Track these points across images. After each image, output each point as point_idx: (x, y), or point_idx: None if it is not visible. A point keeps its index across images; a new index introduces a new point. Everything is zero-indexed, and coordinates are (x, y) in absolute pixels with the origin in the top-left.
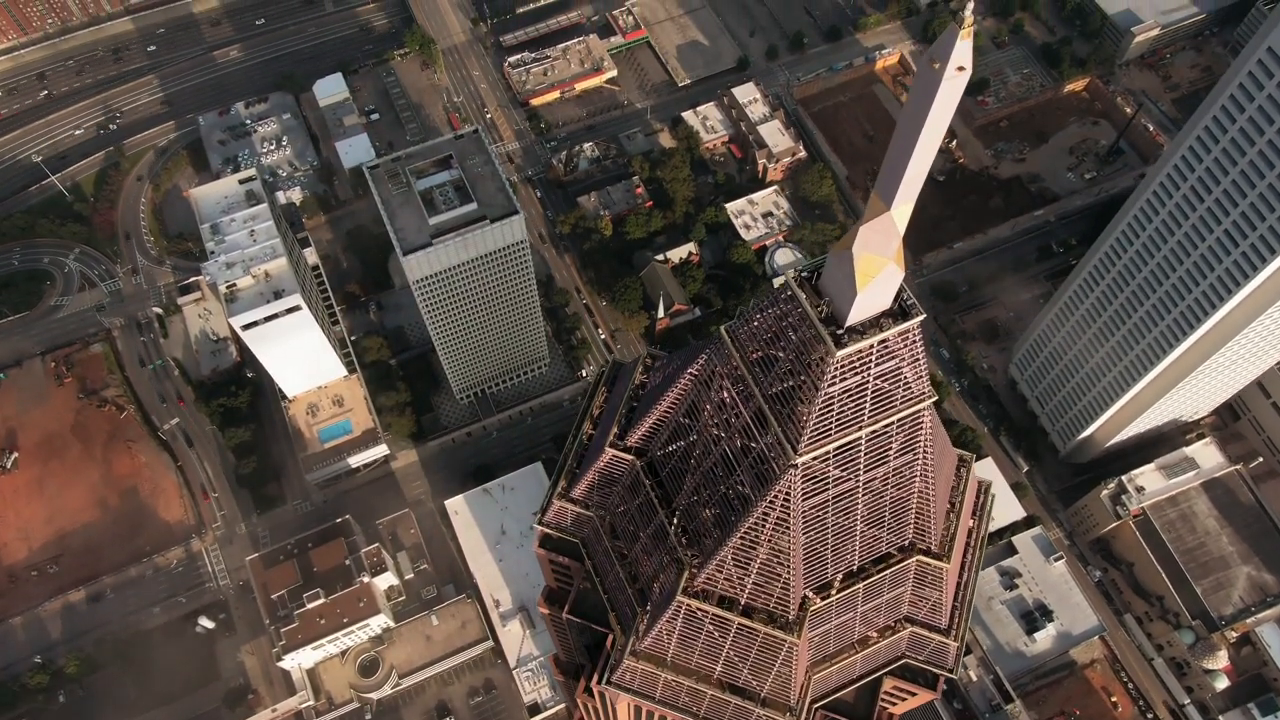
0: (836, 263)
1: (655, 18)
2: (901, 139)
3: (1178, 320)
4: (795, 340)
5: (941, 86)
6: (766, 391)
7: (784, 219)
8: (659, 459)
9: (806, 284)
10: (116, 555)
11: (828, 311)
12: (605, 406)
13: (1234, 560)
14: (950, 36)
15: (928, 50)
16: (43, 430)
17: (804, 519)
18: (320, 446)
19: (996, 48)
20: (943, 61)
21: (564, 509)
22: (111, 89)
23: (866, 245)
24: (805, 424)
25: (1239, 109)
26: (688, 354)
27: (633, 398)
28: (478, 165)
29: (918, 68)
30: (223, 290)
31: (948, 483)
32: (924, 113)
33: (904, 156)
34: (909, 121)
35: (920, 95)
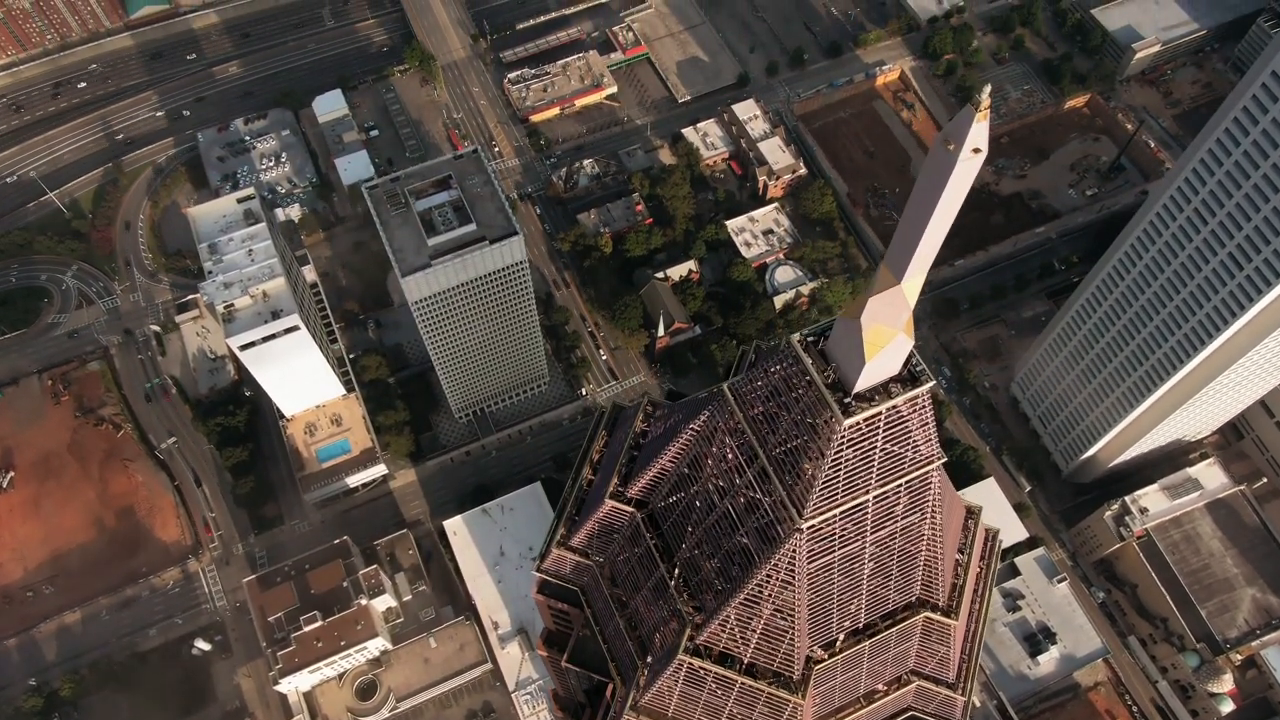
0: (844, 330)
1: (655, 34)
2: (914, 215)
3: (1181, 343)
4: (801, 403)
5: (957, 168)
6: (770, 451)
7: (784, 236)
8: (660, 511)
9: (812, 348)
10: (113, 576)
11: (834, 377)
12: (605, 452)
13: (1239, 582)
14: (966, 118)
15: (942, 131)
16: (39, 449)
17: (810, 579)
18: (318, 466)
19: (997, 64)
20: (958, 143)
21: (563, 557)
22: (111, 105)
23: (875, 316)
24: (811, 487)
25: (1243, 133)
26: (690, 407)
27: (633, 446)
28: (477, 185)
29: (931, 148)
30: (220, 310)
31: (956, 536)
32: (938, 193)
33: (916, 233)
34: (922, 199)
35: (934, 175)
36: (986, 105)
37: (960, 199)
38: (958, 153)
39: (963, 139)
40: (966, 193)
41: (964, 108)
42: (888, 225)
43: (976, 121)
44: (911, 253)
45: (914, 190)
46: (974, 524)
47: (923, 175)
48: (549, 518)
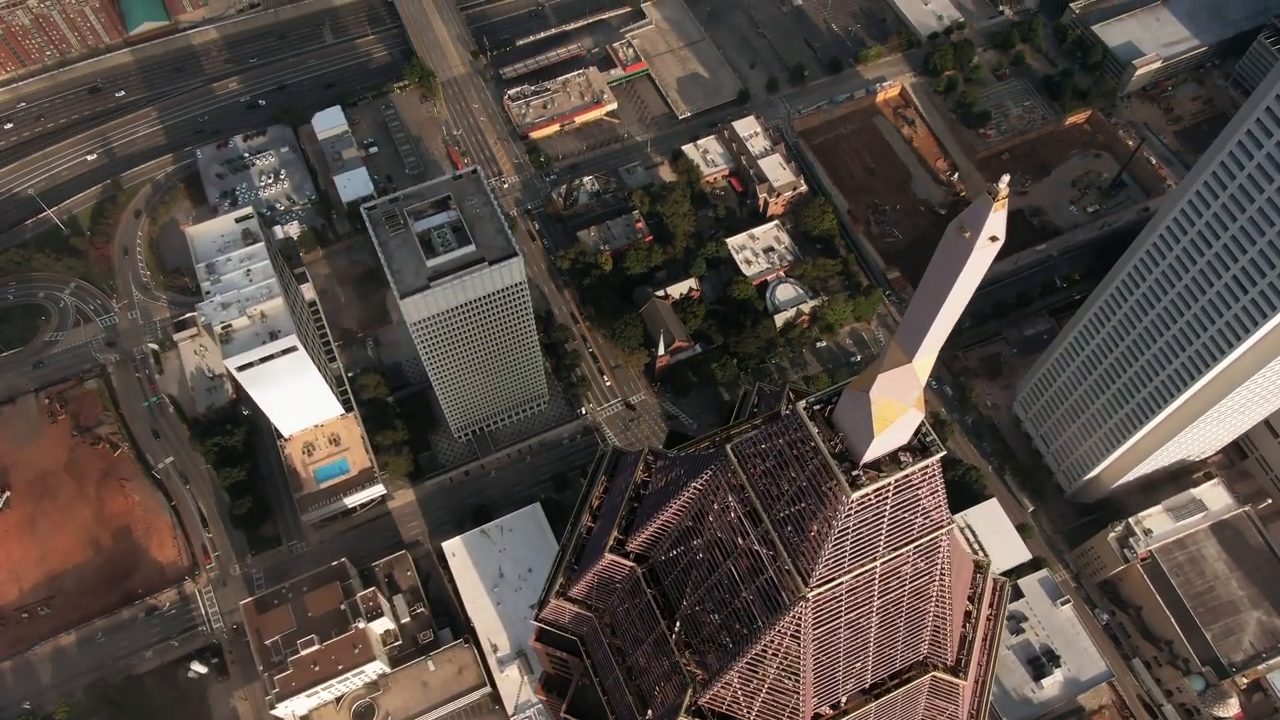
0: (852, 402)
1: (655, 50)
2: (927, 297)
3: (1186, 365)
4: (807, 470)
5: (973, 256)
6: (775, 515)
7: (785, 254)
8: (661, 565)
9: (819, 415)
10: (109, 597)
11: (841, 447)
12: (605, 500)
13: (1244, 605)
14: (983, 208)
15: (956, 220)
16: (35, 469)
17: (815, 643)
18: (316, 486)
19: (997, 80)
20: (974, 231)
21: (562, 607)
22: (110, 121)
23: (885, 391)
24: (818, 556)
25: (1248, 157)
26: (692, 463)
27: (634, 497)
28: (476, 206)
29: (946, 233)
30: (218, 331)
31: (964, 592)
32: (951, 279)
33: (929, 314)
34: (935, 283)
35: (949, 260)
36: (1004, 195)
37: (975, 284)
38: (974, 240)
39: (979, 227)
40: (981, 277)
41: (981, 196)
42: (888, 242)
43: (994, 211)
44: (924, 334)
45: (927, 272)
46: (982, 578)
47: (937, 259)
48: (549, 539)
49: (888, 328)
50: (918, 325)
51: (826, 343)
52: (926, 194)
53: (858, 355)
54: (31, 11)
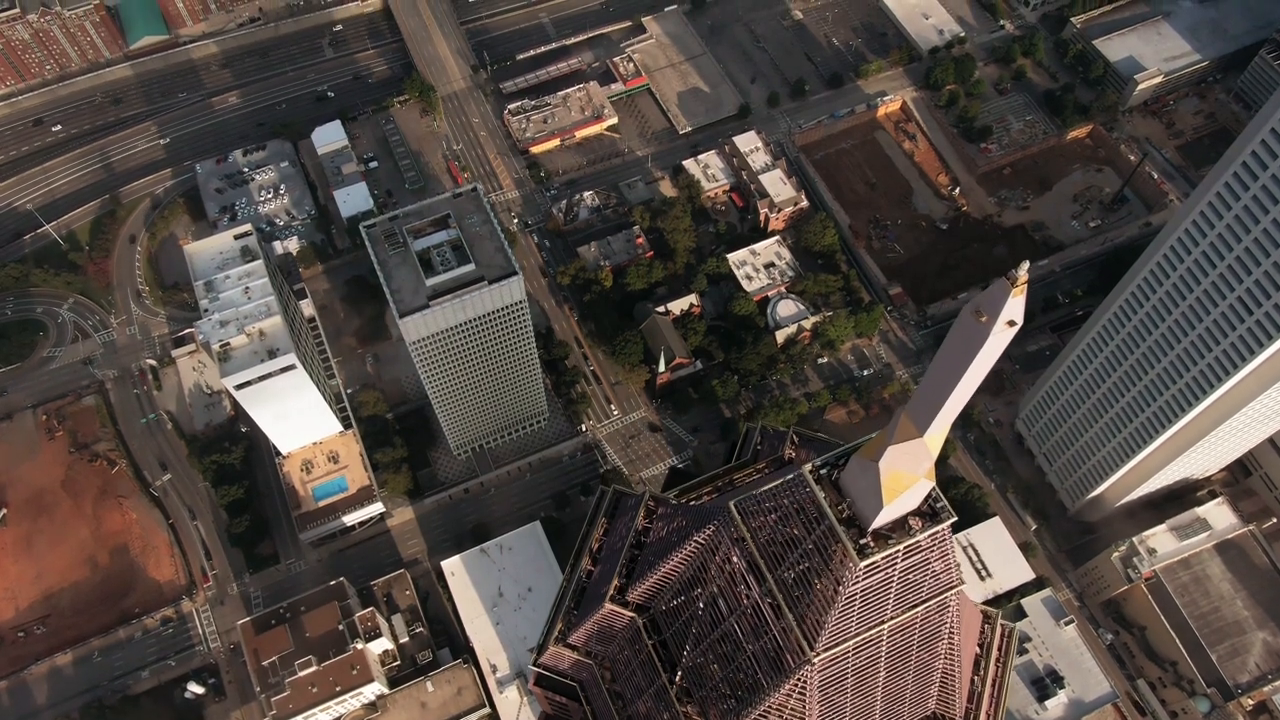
0: (860, 470)
1: (656, 64)
2: (940, 377)
3: (1192, 384)
4: (813, 534)
5: (990, 340)
6: (780, 575)
7: (786, 270)
8: (662, 615)
9: (825, 480)
10: (105, 616)
11: (849, 513)
12: (605, 543)
13: (1249, 625)
14: (1000, 293)
15: (972, 302)
16: (32, 486)
17: (820, 702)
18: (315, 504)
19: (999, 94)
20: (991, 316)
21: (561, 653)
22: (109, 135)
23: (895, 463)
24: (824, 621)
25: (1252, 178)
26: (695, 516)
27: (635, 545)
28: (476, 224)
29: (961, 316)
30: (216, 349)
31: (973, 646)
32: (966, 361)
33: (942, 394)
34: (949, 363)
35: (964, 343)
36: (1024, 281)
37: (989, 366)
38: (990, 325)
39: (997, 312)
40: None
41: (999, 280)
42: (890, 257)
43: (1013, 297)
44: (937, 411)
45: (941, 351)
46: (991, 628)
47: (952, 340)
48: (549, 558)
49: (889, 344)
50: (931, 403)
51: (828, 359)
52: (928, 209)
53: (859, 372)
54: (31, 26)
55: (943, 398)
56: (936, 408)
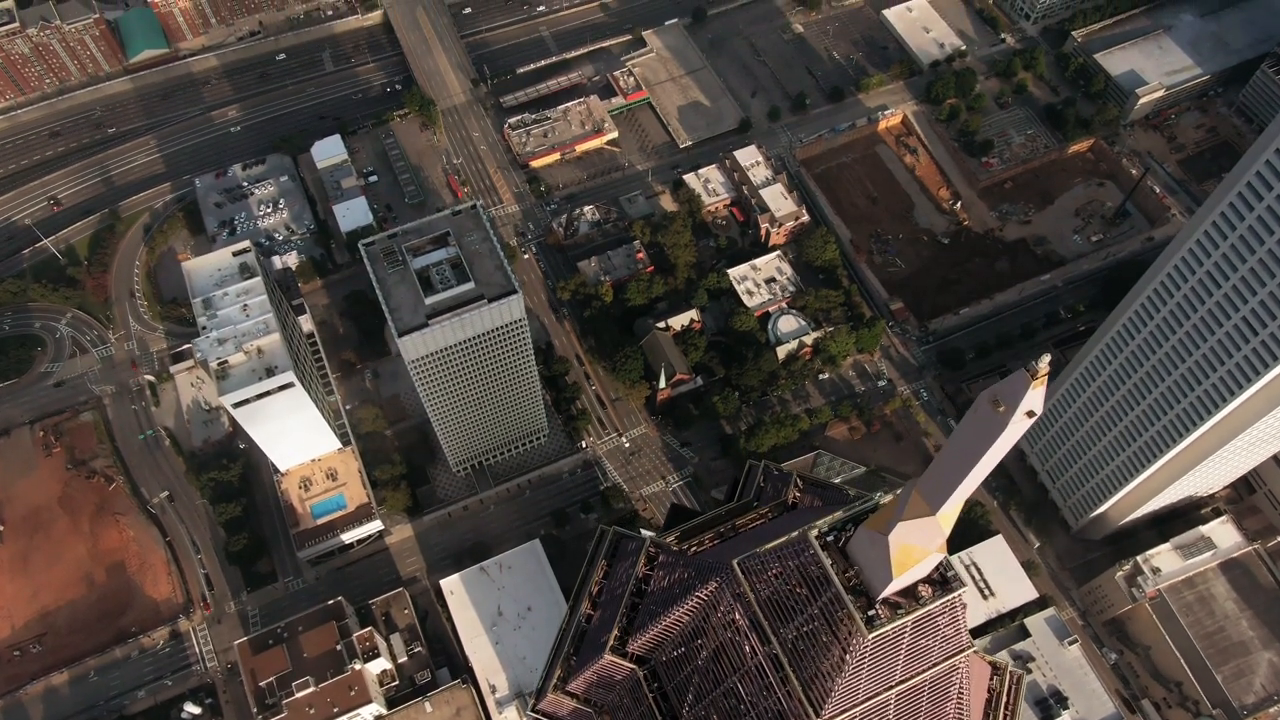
0: (869, 541)
1: (656, 78)
2: (955, 459)
3: (1196, 403)
4: (819, 601)
5: (1007, 430)
6: (784, 638)
7: (787, 285)
8: (663, 667)
9: (832, 546)
10: (102, 635)
11: (856, 581)
12: (605, 587)
13: (1255, 646)
14: (1020, 384)
15: (989, 390)
16: (29, 503)
17: None
18: (313, 522)
19: (1000, 108)
20: (1010, 407)
21: (560, 701)
22: (108, 149)
23: (906, 537)
24: (830, 688)
25: (1257, 198)
26: (698, 569)
27: (635, 593)
28: (475, 242)
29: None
30: (214, 367)
31: (981, 700)
32: (982, 448)
33: (957, 476)
34: (963, 448)
35: (980, 432)
36: (1044, 374)
37: (1005, 452)
38: (1009, 416)
39: (1016, 403)
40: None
41: (1018, 372)
42: (891, 272)
43: (1033, 389)
44: (950, 493)
45: (957, 433)
46: (999, 680)
47: (967, 425)
48: (548, 577)
49: (891, 359)
50: (944, 483)
51: (829, 375)
52: (929, 223)
53: (860, 388)
54: (31, 40)
55: (957, 480)
56: (951, 488)
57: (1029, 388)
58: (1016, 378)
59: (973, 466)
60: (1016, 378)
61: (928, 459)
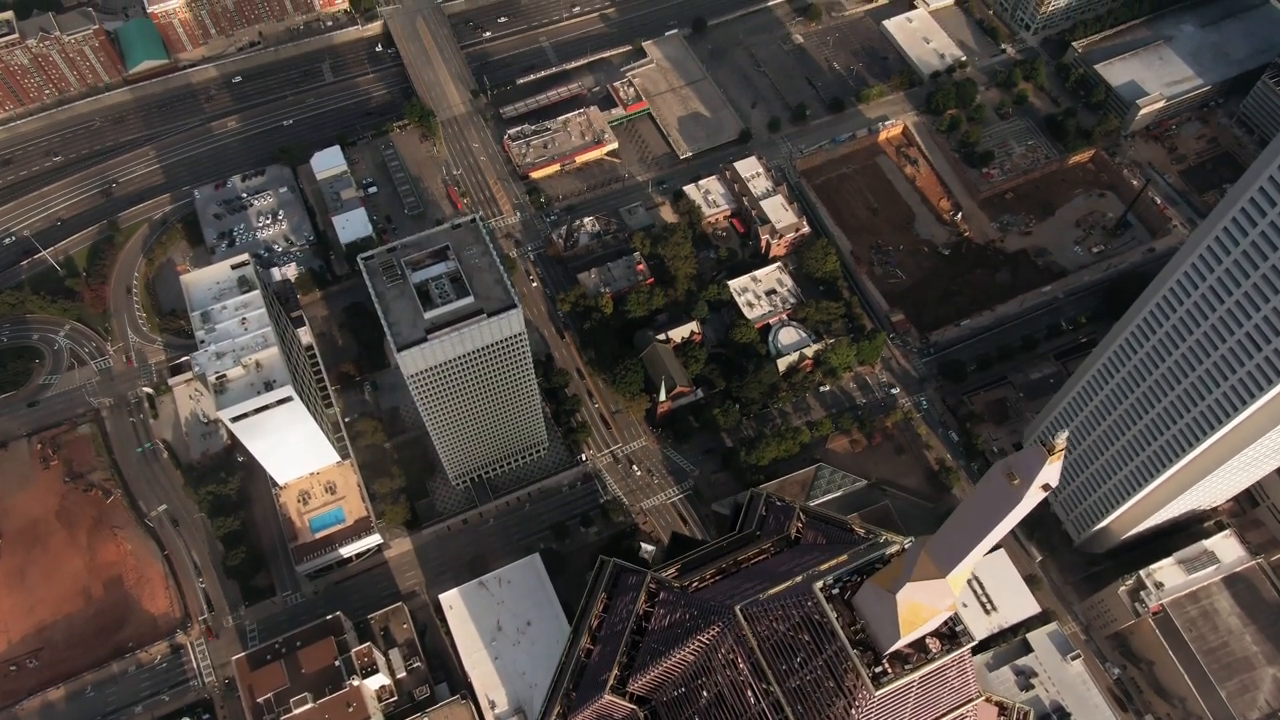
0: (875, 598)
1: (656, 89)
2: (967, 527)
3: (1201, 418)
4: (824, 654)
5: (1022, 503)
6: (788, 687)
7: (788, 296)
8: (663, 707)
9: (838, 599)
10: (99, 649)
11: (862, 635)
12: (605, 621)
13: (1259, 661)
14: (1036, 459)
15: (1004, 462)
16: (26, 516)
17: None
18: (311, 536)
19: (1000, 119)
20: (1025, 481)
21: None
22: (108, 160)
23: (914, 596)
24: None
25: (1260, 213)
26: (700, 610)
27: (636, 630)
28: (475, 256)
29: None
30: (212, 381)
31: None
32: (995, 520)
33: (967, 544)
34: (976, 518)
35: (993, 502)
36: (1061, 449)
37: (1018, 520)
38: (1023, 490)
39: (1031, 477)
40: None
41: (1034, 445)
42: (891, 284)
43: (1049, 464)
44: (961, 559)
45: (970, 501)
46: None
47: (981, 496)
48: (548, 591)
49: (892, 371)
50: (955, 549)
51: (829, 387)
52: (930, 234)
53: (861, 400)
54: (30, 51)
55: (969, 547)
56: (962, 555)
57: (1045, 462)
58: (1032, 451)
59: (985, 536)
60: (1032, 451)
61: (929, 472)
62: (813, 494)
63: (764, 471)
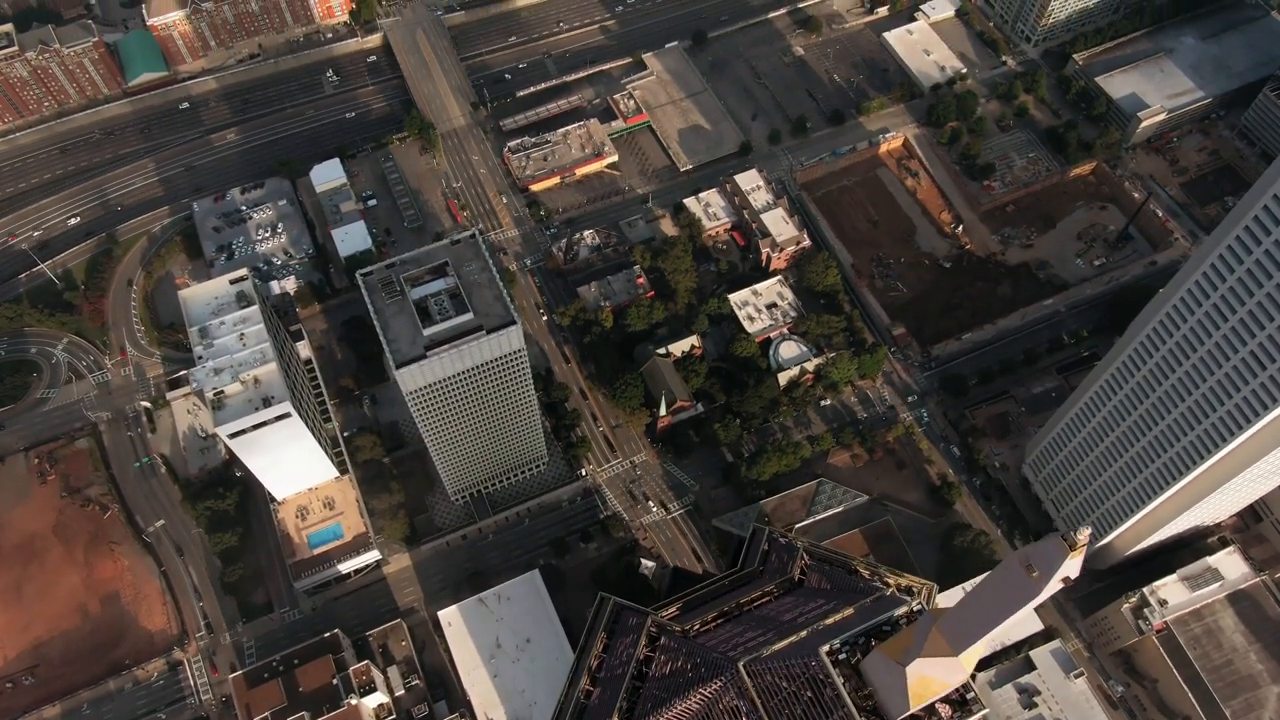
0: (884, 667)
1: (657, 101)
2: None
3: (1205, 435)
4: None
5: (1041, 595)
6: None
7: (788, 310)
8: None
9: (844, 664)
10: (95, 667)
11: (870, 702)
12: (604, 662)
13: (1263, 679)
14: (1056, 552)
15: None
16: (23, 531)
17: None
18: (309, 552)
19: (1001, 131)
20: (1045, 574)
21: None
22: (107, 173)
23: (924, 670)
24: None
25: (1264, 232)
26: (703, 660)
27: (636, 676)
28: (474, 272)
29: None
30: (210, 397)
31: None
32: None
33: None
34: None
35: (1009, 591)
36: (1083, 544)
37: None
38: (1043, 583)
39: (1051, 571)
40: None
41: (1054, 537)
42: (892, 297)
43: (1071, 558)
44: (974, 640)
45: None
46: None
47: (997, 581)
48: (547, 608)
49: (893, 385)
50: (968, 631)
51: (830, 401)
52: (931, 247)
53: (862, 414)
54: (30, 63)
55: (982, 631)
56: (975, 636)
57: (1066, 556)
58: (1052, 544)
59: (1000, 622)
60: (1052, 544)
61: (930, 487)
62: (814, 509)
63: (765, 486)
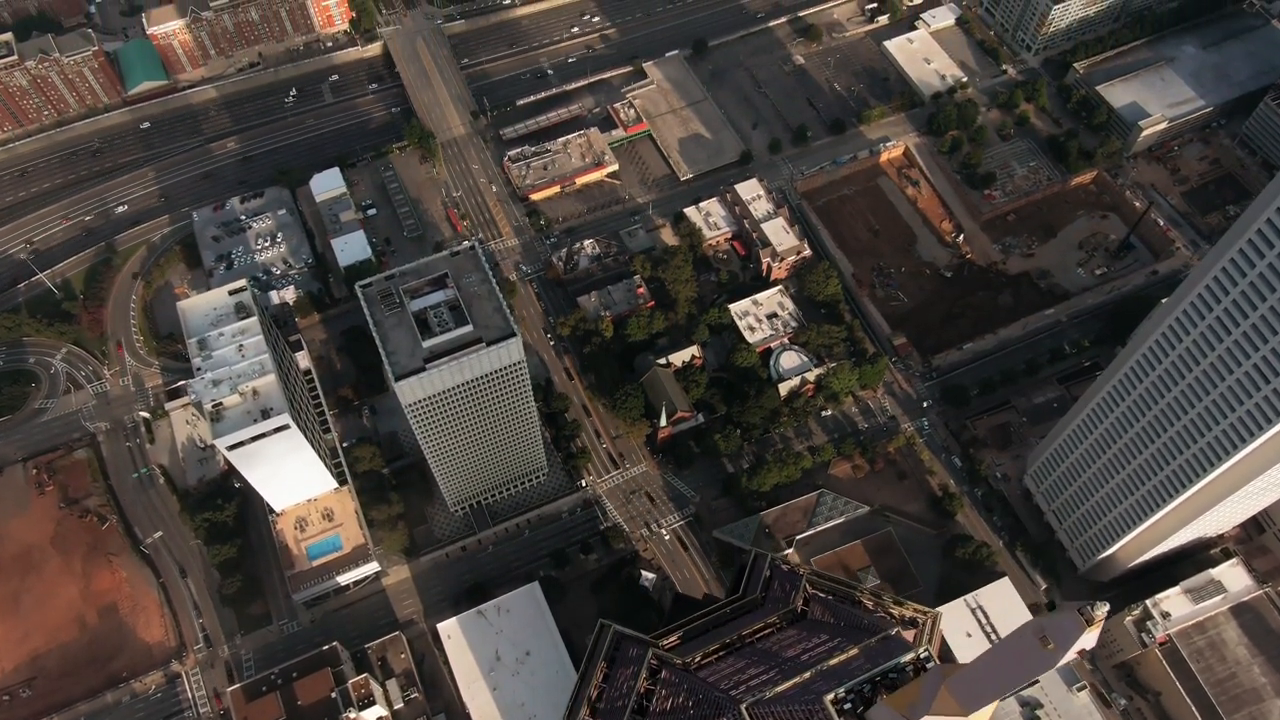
0: None
1: (657, 110)
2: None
3: (1209, 447)
4: None
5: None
6: None
7: (789, 320)
8: None
9: (849, 714)
10: (93, 679)
11: None
12: (604, 693)
13: (1267, 692)
14: (1073, 626)
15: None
16: (21, 542)
17: None
18: (308, 564)
19: (1002, 140)
20: (1061, 647)
21: None
22: (106, 182)
23: None
24: None
25: (1268, 245)
26: (705, 698)
27: (637, 709)
28: (474, 284)
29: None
30: (208, 409)
31: None
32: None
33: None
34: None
35: (1023, 660)
36: (1100, 620)
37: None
38: (1058, 656)
39: (1067, 645)
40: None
41: (1071, 611)
42: (893, 306)
43: (1088, 633)
44: (984, 703)
45: (997, 651)
46: None
47: (1010, 649)
48: (547, 620)
49: (894, 395)
50: (979, 693)
51: (831, 412)
52: (931, 256)
53: (863, 424)
54: (30, 72)
55: (994, 695)
56: (986, 700)
57: (1083, 631)
58: (1069, 619)
59: (1011, 688)
60: (1069, 619)
61: (932, 498)
62: (815, 521)
63: (765, 497)
